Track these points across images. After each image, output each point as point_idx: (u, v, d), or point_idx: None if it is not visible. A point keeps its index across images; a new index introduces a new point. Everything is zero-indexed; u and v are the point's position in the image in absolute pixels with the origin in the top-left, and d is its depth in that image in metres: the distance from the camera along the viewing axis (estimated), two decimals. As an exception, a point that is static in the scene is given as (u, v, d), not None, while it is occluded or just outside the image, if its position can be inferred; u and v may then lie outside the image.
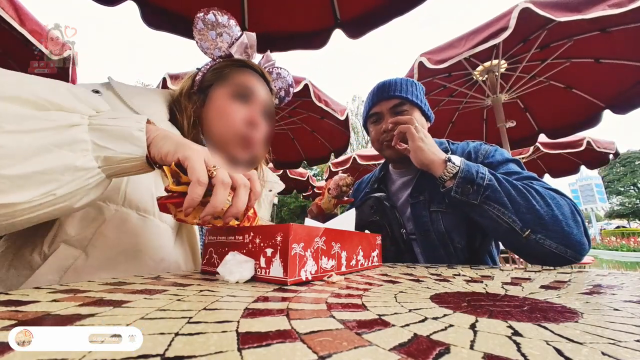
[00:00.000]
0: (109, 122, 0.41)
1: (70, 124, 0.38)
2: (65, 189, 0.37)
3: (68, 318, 0.18)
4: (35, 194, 0.35)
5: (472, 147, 0.95)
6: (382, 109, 0.98)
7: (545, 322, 0.20)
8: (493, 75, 2.67)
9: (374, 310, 0.22)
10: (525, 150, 4.51)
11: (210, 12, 0.68)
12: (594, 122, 2.81)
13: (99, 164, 0.40)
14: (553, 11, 1.74)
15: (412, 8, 1.50)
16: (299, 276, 0.35)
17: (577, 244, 0.65)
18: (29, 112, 0.36)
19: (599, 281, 0.39)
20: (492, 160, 0.87)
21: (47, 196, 0.36)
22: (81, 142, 0.38)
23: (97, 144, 0.39)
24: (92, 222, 0.47)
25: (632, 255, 11.26)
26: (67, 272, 0.45)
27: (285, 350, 0.14)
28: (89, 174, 0.39)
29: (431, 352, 0.14)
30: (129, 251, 0.49)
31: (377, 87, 1.01)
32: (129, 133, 0.41)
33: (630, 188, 34.97)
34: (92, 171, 0.39)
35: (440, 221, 0.87)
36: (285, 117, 3.70)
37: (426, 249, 0.89)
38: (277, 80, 0.85)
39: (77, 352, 0.13)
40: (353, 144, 24.63)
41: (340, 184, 1.13)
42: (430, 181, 0.93)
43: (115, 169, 0.41)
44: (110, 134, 0.40)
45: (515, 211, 0.68)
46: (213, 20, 0.68)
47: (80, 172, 0.38)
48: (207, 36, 0.69)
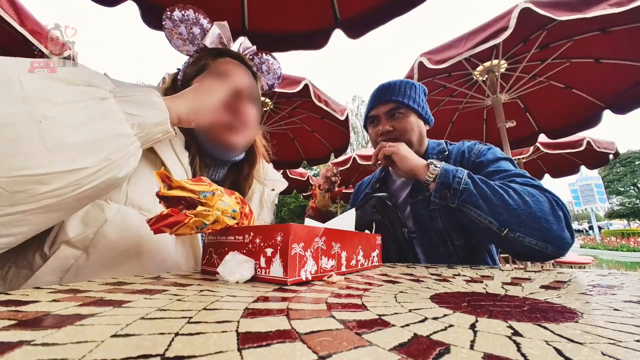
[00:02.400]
0: (131, 93, 0.45)
1: (101, 97, 0.41)
2: (116, 155, 0.41)
3: (68, 318, 0.18)
4: (97, 159, 0.38)
5: (467, 147, 0.97)
6: (379, 113, 1.00)
7: (545, 322, 0.20)
8: (493, 75, 2.67)
9: (374, 310, 0.22)
10: (525, 150, 4.51)
11: (176, 9, 0.68)
12: (594, 122, 2.82)
13: (134, 131, 0.43)
14: (553, 10, 1.74)
15: (412, 8, 1.50)
16: (299, 276, 0.35)
17: (557, 239, 0.66)
18: (66, 88, 0.39)
19: (599, 281, 0.39)
20: (483, 159, 0.89)
21: (105, 161, 0.39)
22: (115, 112, 0.42)
23: (128, 112, 0.43)
24: (94, 222, 0.47)
25: (632, 255, 11.26)
26: (68, 273, 0.45)
27: (285, 350, 0.14)
28: (129, 140, 0.43)
29: (431, 352, 0.14)
30: (131, 251, 0.49)
31: (376, 89, 1.02)
32: (149, 100, 0.46)
33: (630, 188, 34.97)
34: (130, 138, 0.43)
35: (438, 219, 0.87)
36: (286, 117, 3.70)
37: (426, 247, 0.90)
38: (261, 64, 0.84)
39: (77, 352, 0.13)
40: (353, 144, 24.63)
41: (328, 175, 1.14)
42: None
43: (148, 134, 0.45)
44: (135, 103, 0.44)
45: (491, 212, 0.70)
46: (180, 17, 0.68)
47: (123, 138, 0.41)
48: (177, 34, 0.70)
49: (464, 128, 3.58)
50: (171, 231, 0.38)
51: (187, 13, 0.69)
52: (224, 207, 0.41)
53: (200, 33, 0.71)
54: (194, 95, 0.56)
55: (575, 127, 3.00)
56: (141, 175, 0.53)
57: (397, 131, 0.97)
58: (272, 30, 1.78)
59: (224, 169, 0.74)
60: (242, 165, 0.78)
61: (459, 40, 2.11)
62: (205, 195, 0.39)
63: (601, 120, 2.76)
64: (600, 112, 2.73)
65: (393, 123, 0.97)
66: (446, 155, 0.97)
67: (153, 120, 0.45)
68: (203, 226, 0.39)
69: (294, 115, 3.68)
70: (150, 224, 0.37)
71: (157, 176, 0.38)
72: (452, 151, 0.98)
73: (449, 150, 0.98)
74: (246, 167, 0.78)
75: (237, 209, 0.43)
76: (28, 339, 0.14)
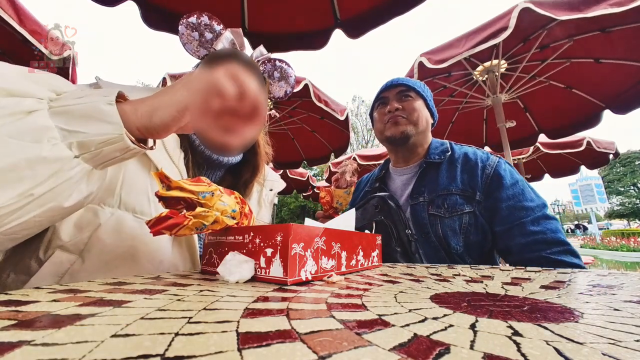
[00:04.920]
0: (72, 102, 0.35)
1: (26, 110, 0.32)
2: (45, 187, 0.32)
3: (68, 318, 0.18)
4: (10, 195, 0.30)
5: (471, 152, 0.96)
6: (388, 94, 1.03)
7: (545, 322, 0.20)
8: (493, 75, 2.67)
9: (374, 310, 0.22)
10: (525, 150, 4.51)
11: (192, 15, 0.70)
12: (594, 122, 2.82)
13: (74, 152, 0.34)
14: (553, 10, 1.74)
15: (412, 8, 1.50)
16: (299, 276, 0.35)
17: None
18: None
19: (599, 281, 0.39)
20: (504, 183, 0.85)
21: (26, 197, 0.31)
22: (44, 129, 0.32)
23: (64, 128, 0.34)
24: (87, 226, 0.46)
25: (632, 255, 11.25)
26: (63, 277, 0.44)
27: (285, 350, 0.14)
28: (67, 165, 0.33)
29: (431, 352, 0.14)
30: (126, 254, 0.48)
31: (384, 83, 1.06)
32: (96, 109, 0.35)
33: (630, 188, 34.96)
34: (69, 162, 0.34)
35: (438, 225, 0.87)
36: (286, 117, 3.71)
37: (428, 251, 0.88)
38: (273, 71, 0.81)
39: (77, 352, 0.13)
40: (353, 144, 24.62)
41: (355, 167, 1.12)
42: (429, 182, 0.94)
43: (98, 155, 0.35)
44: (75, 115, 0.34)
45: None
46: (195, 22, 0.70)
47: (54, 164, 0.32)
48: (190, 38, 0.71)
49: (464, 128, 3.58)
50: (171, 233, 0.37)
51: (202, 18, 0.70)
52: (223, 208, 0.41)
53: (212, 38, 0.71)
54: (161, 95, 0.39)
55: (575, 127, 3.00)
56: (134, 178, 0.52)
57: (405, 110, 0.98)
58: (272, 30, 1.78)
59: (220, 171, 0.72)
60: (242, 170, 0.75)
61: (458, 40, 2.11)
62: (205, 195, 0.39)
63: (601, 120, 2.77)
64: (600, 112, 2.73)
65: (402, 103, 0.99)
66: (449, 156, 0.96)
67: (99, 138, 0.34)
68: (203, 227, 0.39)
69: (294, 115, 3.68)
70: (149, 227, 0.37)
71: (155, 177, 0.37)
72: (456, 152, 0.97)
73: (453, 151, 0.98)
74: (247, 173, 0.75)
75: (236, 209, 0.43)
76: (28, 339, 0.14)
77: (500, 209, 0.82)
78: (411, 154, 1.03)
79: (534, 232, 0.78)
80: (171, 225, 0.36)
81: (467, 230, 0.84)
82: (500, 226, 0.82)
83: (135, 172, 0.53)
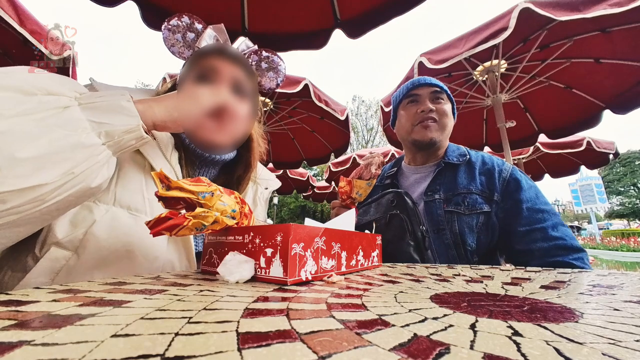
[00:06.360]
0: (97, 99, 0.43)
1: (63, 105, 0.39)
2: (81, 167, 0.39)
3: (68, 318, 0.18)
4: (56, 173, 0.36)
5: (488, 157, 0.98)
6: (422, 92, 1.02)
7: (545, 322, 0.20)
8: (493, 75, 2.67)
9: (374, 310, 0.22)
10: (525, 150, 4.51)
11: (173, 18, 0.70)
12: (594, 122, 2.82)
13: (102, 139, 0.41)
14: (553, 10, 1.74)
15: (412, 8, 1.50)
16: (299, 276, 0.35)
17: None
18: (20, 98, 0.37)
19: (599, 281, 0.39)
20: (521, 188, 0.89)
21: (68, 175, 0.37)
22: (78, 121, 0.39)
23: (93, 120, 0.41)
24: (82, 223, 0.47)
25: (632, 255, 11.25)
26: (59, 274, 0.45)
27: (285, 350, 0.14)
28: (97, 150, 0.41)
29: (431, 352, 0.14)
30: (122, 251, 0.49)
31: (414, 79, 1.05)
32: (118, 105, 0.43)
33: (630, 188, 34.96)
34: (98, 147, 0.41)
35: (455, 222, 0.88)
36: (286, 117, 3.70)
37: (439, 247, 0.89)
38: (261, 62, 0.80)
39: (77, 352, 0.13)
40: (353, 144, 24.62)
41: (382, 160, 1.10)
42: (447, 181, 0.95)
43: (118, 142, 0.43)
44: (102, 110, 0.42)
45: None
46: (175, 24, 0.70)
47: (88, 149, 0.39)
48: (175, 41, 0.71)
49: (464, 128, 3.57)
50: (171, 234, 0.38)
51: (183, 19, 0.70)
52: (223, 208, 0.41)
53: (195, 37, 0.71)
54: (177, 101, 0.52)
55: (575, 127, 3.00)
56: (129, 175, 0.53)
57: (438, 113, 0.98)
58: (272, 30, 1.78)
59: (214, 169, 0.72)
60: (235, 167, 0.75)
61: (458, 40, 2.11)
62: (204, 195, 0.39)
63: (601, 120, 2.77)
64: (600, 112, 2.73)
65: (435, 105, 0.98)
66: (467, 160, 0.98)
67: (123, 128, 0.43)
68: (202, 227, 0.39)
69: (294, 115, 3.68)
70: (149, 227, 0.37)
71: (155, 177, 0.38)
72: (473, 156, 0.99)
73: (470, 155, 1.00)
74: (239, 169, 0.75)
75: (236, 209, 0.43)
76: (28, 339, 0.14)
77: (522, 209, 0.85)
78: (430, 156, 1.04)
79: (555, 237, 0.81)
80: (171, 226, 0.36)
81: (480, 229, 0.87)
82: (523, 227, 0.85)
83: (129, 169, 0.54)
